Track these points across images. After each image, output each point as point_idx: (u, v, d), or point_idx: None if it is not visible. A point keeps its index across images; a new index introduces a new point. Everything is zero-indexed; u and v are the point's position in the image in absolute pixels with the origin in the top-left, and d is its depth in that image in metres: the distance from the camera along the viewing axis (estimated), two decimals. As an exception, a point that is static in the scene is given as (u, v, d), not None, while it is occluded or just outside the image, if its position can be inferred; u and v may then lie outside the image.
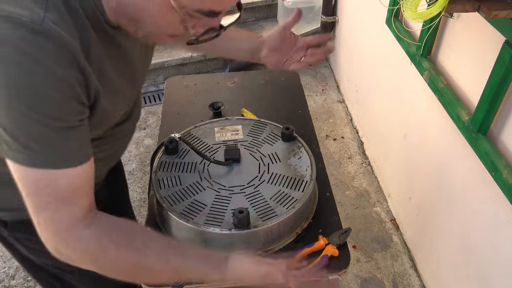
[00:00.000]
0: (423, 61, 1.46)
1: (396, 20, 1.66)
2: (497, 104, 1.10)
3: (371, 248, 1.85)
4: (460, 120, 1.23)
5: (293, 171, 1.00)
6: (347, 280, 1.73)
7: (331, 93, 2.74)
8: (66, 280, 1.00)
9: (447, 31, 1.37)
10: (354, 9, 2.40)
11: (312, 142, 1.18)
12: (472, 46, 1.24)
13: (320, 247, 0.92)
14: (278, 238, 0.92)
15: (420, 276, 1.74)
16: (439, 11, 0.88)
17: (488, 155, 1.11)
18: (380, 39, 1.96)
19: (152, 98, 2.71)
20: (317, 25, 2.84)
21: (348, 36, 2.54)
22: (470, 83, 1.26)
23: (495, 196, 1.16)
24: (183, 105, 1.34)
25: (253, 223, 0.87)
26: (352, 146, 2.36)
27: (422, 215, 1.68)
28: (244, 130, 1.12)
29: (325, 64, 3.00)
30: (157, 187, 0.96)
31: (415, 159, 1.69)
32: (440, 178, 1.49)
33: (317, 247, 0.92)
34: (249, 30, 1.03)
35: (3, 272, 1.77)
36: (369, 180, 2.16)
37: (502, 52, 1.02)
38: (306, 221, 0.97)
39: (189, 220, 0.88)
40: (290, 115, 1.30)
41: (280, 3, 2.91)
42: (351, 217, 1.98)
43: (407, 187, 1.81)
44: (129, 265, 0.69)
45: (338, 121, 2.53)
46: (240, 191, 0.95)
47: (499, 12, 0.87)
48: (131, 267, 0.69)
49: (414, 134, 1.70)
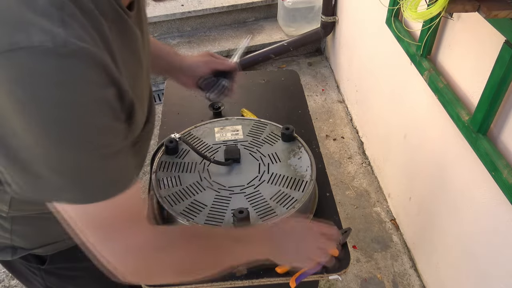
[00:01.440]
0: (423, 61, 1.46)
1: (396, 20, 1.66)
2: (497, 104, 1.10)
3: (371, 248, 1.85)
4: (460, 120, 1.23)
5: (293, 171, 1.00)
6: (347, 280, 1.73)
7: (331, 93, 2.74)
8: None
9: (447, 31, 1.37)
10: (354, 9, 2.40)
11: (312, 142, 1.18)
12: (472, 46, 1.24)
13: None
14: (278, 238, 0.92)
15: (420, 276, 1.74)
16: (439, 11, 0.88)
17: (488, 155, 1.11)
18: (380, 39, 1.96)
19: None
20: (317, 25, 2.84)
21: (348, 36, 2.54)
22: (470, 83, 1.26)
23: (495, 196, 1.16)
24: (183, 105, 1.34)
25: (253, 223, 0.87)
26: (352, 146, 2.36)
27: (422, 215, 1.68)
28: (244, 130, 1.12)
29: (325, 64, 3.00)
30: (157, 187, 0.96)
31: (415, 159, 1.70)
32: (440, 178, 1.49)
33: None
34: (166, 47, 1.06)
35: (3, 272, 1.77)
36: (369, 180, 2.17)
37: (502, 52, 1.02)
38: (306, 221, 0.97)
39: (189, 220, 0.88)
40: (290, 115, 1.30)
41: (280, 3, 2.91)
42: (351, 217, 1.98)
43: (407, 187, 1.81)
44: (204, 261, 0.70)
45: (338, 121, 2.53)
46: (240, 191, 0.95)
47: (499, 12, 0.87)
48: (207, 263, 0.71)
49: (414, 134, 1.70)
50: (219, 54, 1.18)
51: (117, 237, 0.61)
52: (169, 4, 2.90)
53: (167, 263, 0.66)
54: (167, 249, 0.66)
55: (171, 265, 0.67)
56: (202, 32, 3.00)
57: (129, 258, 0.62)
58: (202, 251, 0.70)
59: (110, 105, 0.54)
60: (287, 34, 2.97)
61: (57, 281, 0.91)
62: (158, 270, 0.66)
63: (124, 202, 0.59)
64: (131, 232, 0.62)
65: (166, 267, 0.66)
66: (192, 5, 2.90)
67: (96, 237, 0.60)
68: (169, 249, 0.66)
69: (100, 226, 0.59)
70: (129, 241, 0.62)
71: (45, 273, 0.88)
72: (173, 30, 2.96)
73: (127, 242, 0.62)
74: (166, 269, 0.66)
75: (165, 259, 0.66)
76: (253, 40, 2.93)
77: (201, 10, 2.87)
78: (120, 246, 0.61)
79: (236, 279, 0.88)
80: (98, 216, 0.58)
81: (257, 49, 2.84)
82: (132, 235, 0.62)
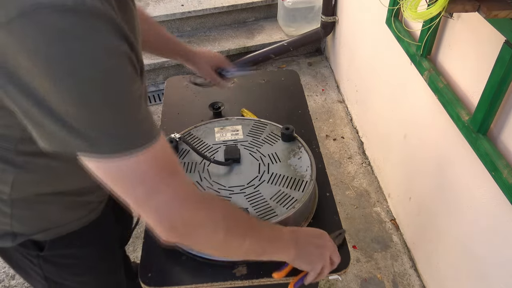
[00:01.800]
0: (423, 61, 1.46)
1: (396, 20, 1.66)
2: (497, 104, 1.10)
3: (371, 248, 1.85)
4: (460, 120, 1.23)
5: (293, 171, 1.00)
6: (347, 280, 1.73)
7: (331, 93, 2.74)
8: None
9: (447, 31, 1.37)
10: (354, 9, 2.40)
11: (312, 142, 1.18)
12: (472, 46, 1.24)
13: None
14: (278, 238, 0.92)
15: (420, 276, 1.74)
16: (439, 11, 0.88)
17: (488, 155, 1.11)
18: (380, 39, 1.96)
19: (152, 98, 2.71)
20: (317, 25, 2.84)
21: (348, 36, 2.54)
22: (470, 83, 1.26)
23: (495, 196, 1.16)
24: (183, 105, 1.34)
25: (253, 223, 0.87)
26: (352, 146, 2.36)
27: (422, 215, 1.68)
28: (244, 130, 1.12)
29: (325, 64, 3.00)
30: (157, 187, 0.96)
31: (415, 159, 1.70)
32: (440, 178, 1.49)
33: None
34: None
35: (3, 272, 1.77)
36: (369, 180, 2.17)
37: (502, 52, 1.02)
38: (306, 221, 0.97)
39: (189, 220, 0.88)
40: (290, 115, 1.30)
41: (280, 3, 2.91)
42: (351, 217, 1.98)
43: (407, 187, 1.81)
44: (241, 227, 0.72)
45: (338, 121, 2.53)
46: (240, 191, 0.95)
47: (499, 12, 0.87)
48: (243, 228, 0.72)
49: (414, 134, 1.70)
50: (219, 54, 1.23)
51: (161, 189, 0.60)
52: (169, 4, 2.90)
53: (208, 218, 0.66)
54: (208, 204, 0.67)
55: (210, 221, 0.67)
56: (202, 32, 3.00)
57: (173, 210, 0.62)
58: (240, 218, 0.72)
59: (129, 56, 0.56)
60: (287, 34, 2.97)
61: (55, 270, 0.92)
62: (198, 224, 0.65)
63: (160, 154, 0.60)
64: (174, 183, 0.62)
65: (205, 222, 0.66)
66: (192, 5, 2.90)
67: (139, 194, 0.60)
68: (209, 205, 0.67)
69: (142, 181, 0.59)
70: (172, 192, 0.61)
71: (43, 261, 0.88)
72: (173, 30, 2.96)
73: (171, 194, 0.61)
74: (205, 224, 0.66)
75: (207, 214, 0.66)
76: (253, 40, 2.93)
77: (201, 10, 2.87)
78: (164, 198, 0.61)
79: (236, 279, 0.88)
80: (139, 171, 0.58)
81: (257, 49, 2.84)
82: (176, 186, 0.62)
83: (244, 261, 0.90)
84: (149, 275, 0.88)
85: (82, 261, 0.94)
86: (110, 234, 1.01)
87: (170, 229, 0.63)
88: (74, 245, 0.90)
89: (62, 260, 0.91)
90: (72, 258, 0.92)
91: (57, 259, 0.90)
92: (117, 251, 1.08)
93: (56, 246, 0.87)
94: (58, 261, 0.90)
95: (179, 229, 0.64)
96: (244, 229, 0.72)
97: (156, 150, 0.59)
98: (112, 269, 1.07)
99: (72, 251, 0.91)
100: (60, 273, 0.94)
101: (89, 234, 0.91)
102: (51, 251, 0.87)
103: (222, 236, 0.68)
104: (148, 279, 0.88)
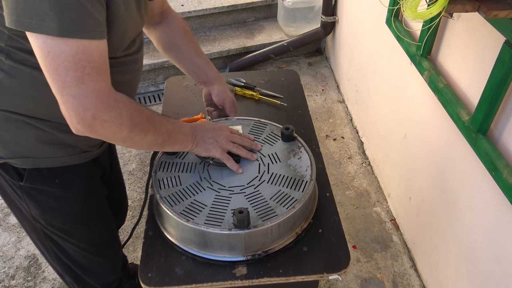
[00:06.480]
0: (423, 61, 1.46)
1: (396, 20, 1.66)
2: (497, 104, 1.10)
3: (371, 248, 1.85)
4: (460, 120, 1.24)
5: (293, 171, 1.00)
6: (347, 280, 1.73)
7: (331, 93, 2.75)
8: (64, 247, 1.07)
9: (447, 31, 1.37)
10: (354, 9, 2.40)
11: (312, 142, 1.18)
12: (472, 46, 1.24)
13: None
14: (278, 238, 0.92)
15: (420, 276, 1.74)
16: (439, 11, 0.88)
17: (488, 155, 1.11)
18: (380, 39, 1.96)
19: (152, 98, 2.71)
20: (317, 25, 2.84)
21: (348, 36, 2.54)
22: (470, 83, 1.26)
23: (495, 196, 1.16)
24: (183, 105, 1.34)
25: (253, 223, 0.87)
26: (352, 146, 2.36)
27: (422, 215, 1.68)
28: (244, 130, 1.12)
29: (325, 64, 3.01)
30: (157, 187, 0.96)
31: (415, 159, 1.70)
32: (440, 178, 1.49)
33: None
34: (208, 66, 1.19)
35: (3, 272, 1.77)
36: (369, 180, 2.17)
37: (502, 52, 1.02)
38: (306, 221, 0.97)
39: (189, 220, 0.88)
40: (290, 115, 1.30)
41: (280, 3, 2.91)
42: (351, 217, 1.98)
43: (407, 187, 1.81)
44: (146, 121, 0.82)
45: (338, 121, 2.53)
46: (240, 191, 0.95)
47: (499, 12, 0.87)
48: (147, 123, 0.82)
49: (414, 134, 1.70)
50: (219, 54, 1.23)
51: (86, 81, 0.69)
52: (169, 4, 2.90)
53: (115, 117, 0.74)
54: (118, 106, 0.75)
55: (117, 120, 0.75)
56: (202, 32, 3.00)
57: (90, 102, 0.70)
58: (144, 117, 0.81)
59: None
60: (287, 34, 2.97)
61: (38, 210, 0.98)
62: (105, 120, 0.73)
63: (97, 53, 0.69)
64: (98, 78, 0.70)
65: (112, 119, 0.74)
66: (192, 5, 2.90)
67: (68, 78, 0.67)
68: (119, 106, 0.75)
69: (75, 67, 0.67)
70: (94, 86, 0.70)
71: (26, 195, 0.94)
72: (173, 30, 2.96)
73: (92, 87, 0.70)
74: (112, 121, 0.74)
75: (116, 113, 0.74)
76: (253, 40, 2.93)
77: (201, 10, 2.87)
78: (85, 89, 0.69)
79: (236, 279, 0.88)
80: (76, 57, 0.67)
81: (257, 49, 2.84)
82: (99, 82, 0.71)
83: (244, 261, 0.90)
84: (149, 275, 0.88)
85: (63, 205, 0.99)
86: (95, 188, 1.07)
87: (81, 119, 0.71)
88: (52, 183, 0.95)
89: (44, 198, 0.96)
90: (52, 198, 0.97)
91: (38, 196, 0.95)
92: (103, 205, 1.13)
93: (34, 178, 0.92)
94: (40, 199, 0.95)
95: (87, 120, 0.71)
96: (147, 125, 0.81)
97: (96, 47, 0.69)
98: (99, 224, 1.12)
99: (52, 190, 0.95)
100: (44, 216, 0.99)
101: (69, 176, 0.97)
102: (30, 182, 0.92)
103: (127, 132, 0.77)
104: (148, 279, 0.88)
